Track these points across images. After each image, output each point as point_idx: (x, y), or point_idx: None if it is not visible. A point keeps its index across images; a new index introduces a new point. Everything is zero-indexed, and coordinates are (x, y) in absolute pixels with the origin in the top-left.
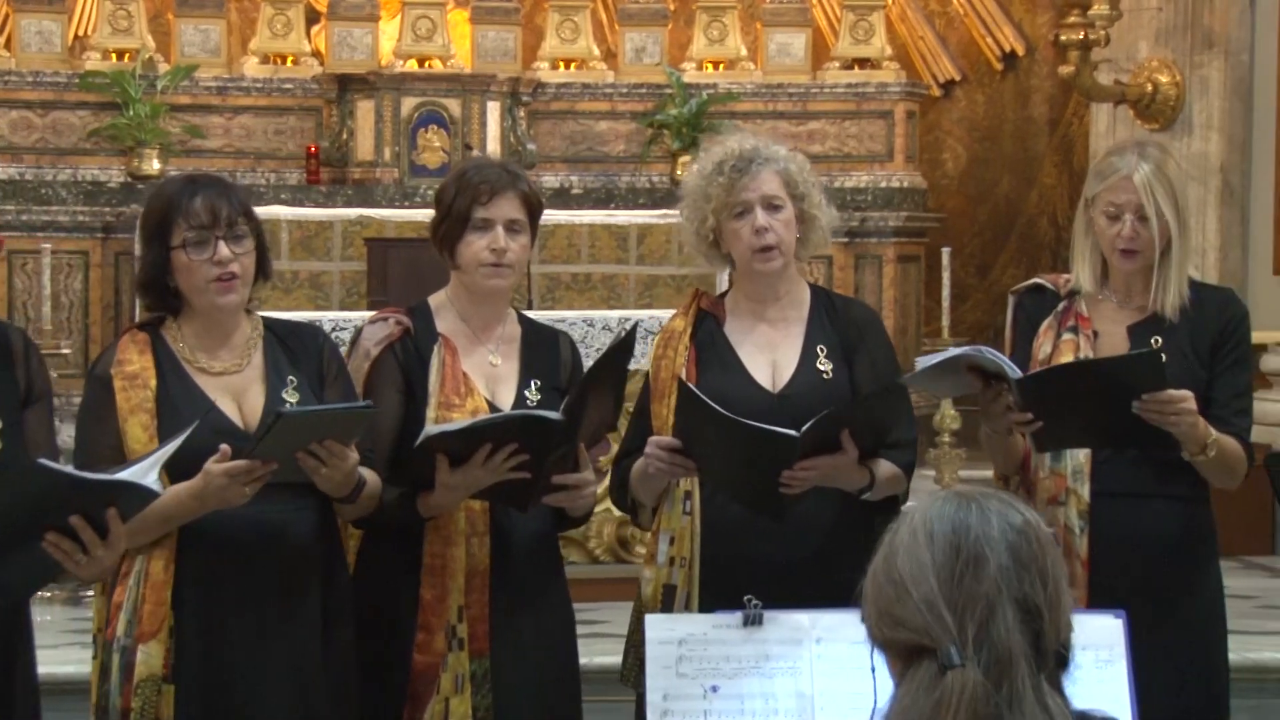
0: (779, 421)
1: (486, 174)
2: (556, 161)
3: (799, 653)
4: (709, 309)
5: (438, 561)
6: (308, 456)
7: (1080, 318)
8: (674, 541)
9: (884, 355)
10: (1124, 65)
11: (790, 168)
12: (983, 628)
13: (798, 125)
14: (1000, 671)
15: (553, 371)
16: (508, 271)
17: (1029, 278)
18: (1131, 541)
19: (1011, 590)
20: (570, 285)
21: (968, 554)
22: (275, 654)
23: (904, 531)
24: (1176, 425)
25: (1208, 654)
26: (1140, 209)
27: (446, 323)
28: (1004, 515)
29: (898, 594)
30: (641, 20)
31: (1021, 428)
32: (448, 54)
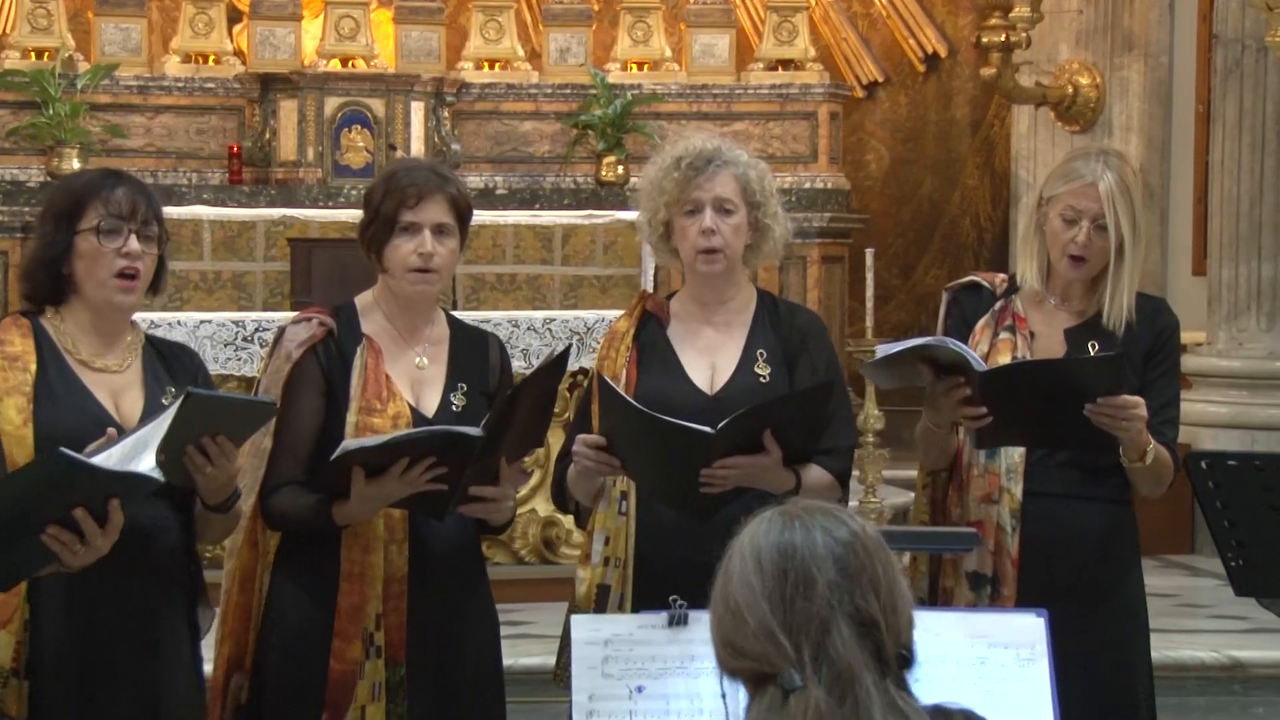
0: (714, 423)
1: (415, 176)
2: (481, 162)
3: None
4: (654, 310)
5: (356, 569)
6: (196, 453)
7: (1017, 317)
8: (609, 541)
9: (826, 363)
10: (1045, 67)
11: (749, 174)
12: (819, 647)
13: (722, 126)
14: (843, 687)
15: (481, 375)
16: (434, 276)
17: (952, 278)
18: (1061, 541)
19: (844, 605)
20: (495, 286)
21: (795, 575)
22: (134, 664)
23: (735, 559)
24: (1126, 431)
25: (1134, 653)
26: (1099, 217)
27: (373, 324)
28: (829, 530)
29: (735, 623)
30: (566, 21)
31: (971, 422)
32: (371, 54)
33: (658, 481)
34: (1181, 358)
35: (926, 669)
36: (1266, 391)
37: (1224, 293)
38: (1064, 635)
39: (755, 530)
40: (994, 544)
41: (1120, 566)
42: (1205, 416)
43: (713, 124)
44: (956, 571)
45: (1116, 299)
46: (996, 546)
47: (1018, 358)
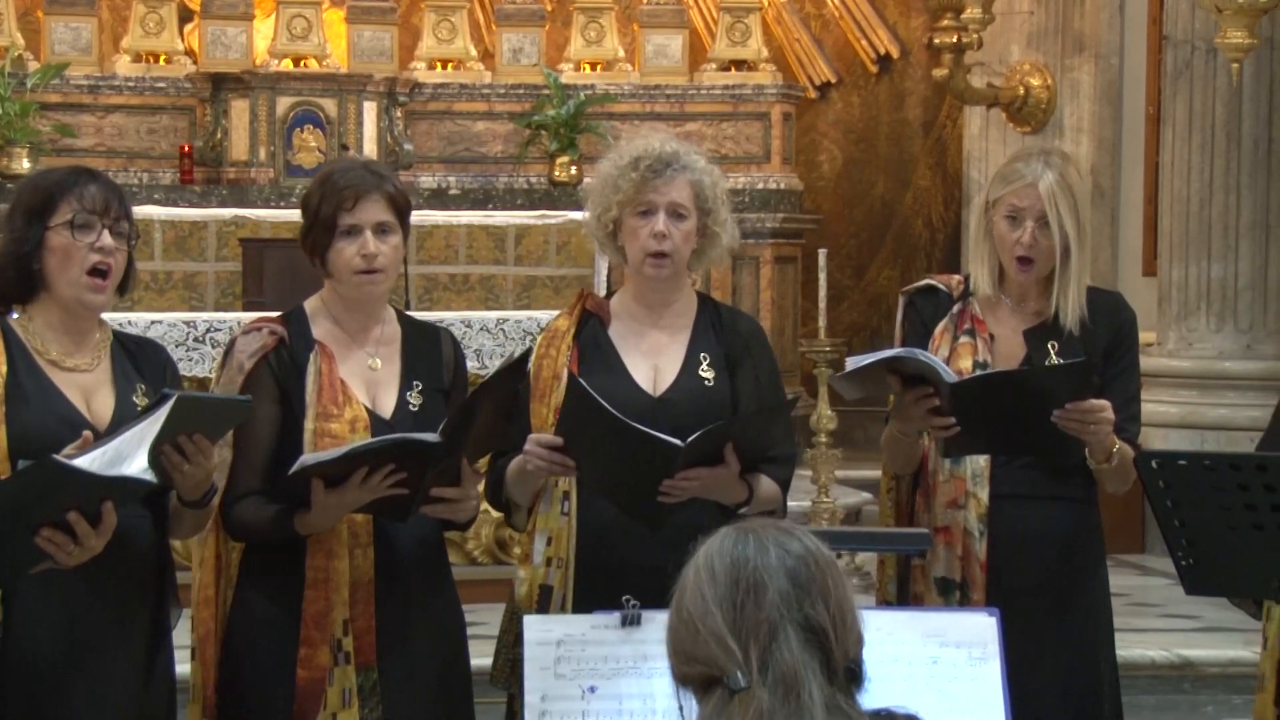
0: (658, 426)
1: (350, 178)
2: (434, 162)
3: None
4: (594, 310)
5: (321, 575)
6: (173, 451)
7: (976, 320)
8: (551, 542)
9: (768, 369)
10: (996, 69)
11: (704, 180)
12: (766, 650)
13: (675, 127)
14: (787, 689)
15: (434, 372)
16: (381, 276)
17: (905, 279)
18: (1028, 543)
19: (793, 613)
20: (448, 286)
21: (747, 583)
22: (101, 665)
23: (690, 571)
24: (1095, 434)
25: (1099, 655)
26: (1042, 216)
27: (323, 328)
28: (781, 544)
29: (689, 631)
30: (519, 21)
31: (939, 432)
32: (323, 53)
33: (615, 486)
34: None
35: (880, 668)
36: (1216, 391)
37: (1174, 293)
38: (1034, 636)
39: (710, 545)
40: (962, 549)
41: (1087, 566)
42: (1156, 416)
43: (666, 124)
44: (926, 577)
45: (1068, 297)
46: (964, 551)
47: (979, 361)
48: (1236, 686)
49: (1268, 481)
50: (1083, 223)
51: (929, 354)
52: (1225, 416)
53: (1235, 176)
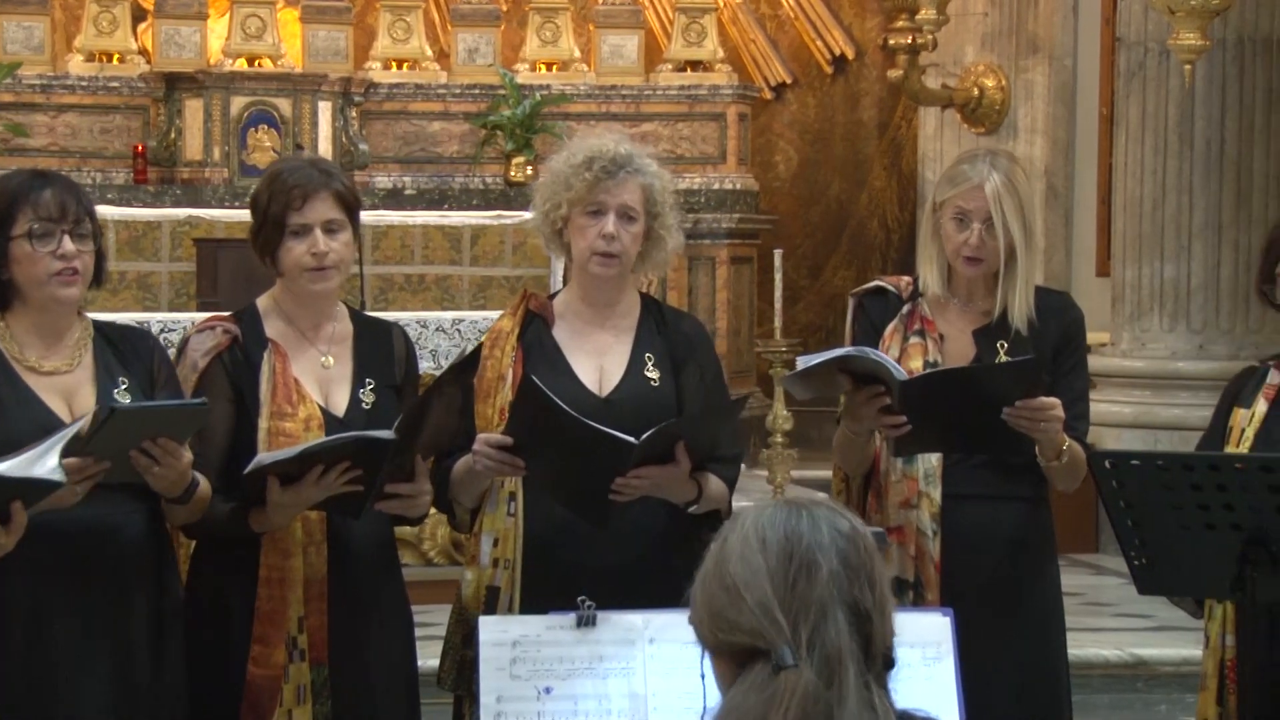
0: (605, 425)
1: (298, 177)
2: (389, 162)
3: (632, 653)
4: (537, 310)
5: (275, 574)
6: (141, 455)
7: (925, 321)
8: (498, 543)
9: (712, 369)
10: (951, 70)
11: (655, 184)
12: (815, 630)
13: (631, 127)
14: (831, 672)
15: (387, 369)
16: (332, 273)
17: (860, 279)
18: (981, 542)
19: (843, 594)
20: (404, 286)
21: (800, 559)
22: (101, 658)
23: (735, 539)
24: (1045, 432)
25: (1052, 652)
26: (988, 218)
27: (275, 327)
28: (833, 523)
29: (731, 599)
30: (474, 21)
31: (890, 430)
32: (278, 53)
33: (564, 486)
34: (1086, 356)
35: None
36: (1169, 391)
37: (1127, 293)
38: (987, 634)
39: (759, 515)
40: (915, 549)
41: (1039, 564)
42: (1109, 416)
43: (621, 125)
44: None
45: (1016, 298)
46: (918, 551)
47: (929, 361)
48: (1190, 685)
49: (1220, 481)
50: (1029, 223)
51: (879, 353)
52: (1178, 416)
53: (1188, 177)
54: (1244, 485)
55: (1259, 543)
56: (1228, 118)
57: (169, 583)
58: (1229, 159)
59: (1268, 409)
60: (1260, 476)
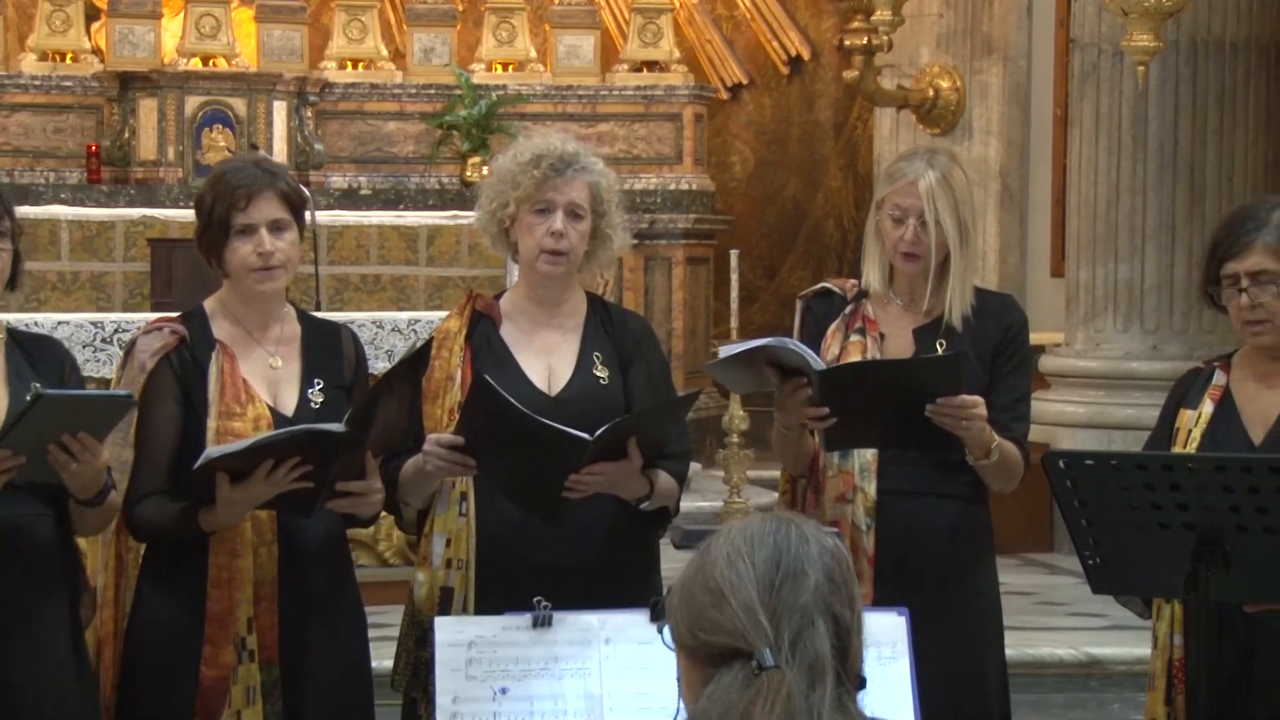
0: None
1: (242, 177)
2: (345, 162)
3: (588, 654)
4: (483, 310)
5: (224, 574)
6: (59, 450)
7: (867, 320)
8: (450, 544)
9: (660, 367)
10: (906, 70)
11: (601, 183)
12: (799, 635)
13: (587, 127)
14: (813, 677)
15: (335, 369)
16: (279, 273)
17: (816, 280)
18: (914, 538)
19: (827, 606)
20: (359, 287)
21: (788, 568)
22: (18, 658)
23: (720, 546)
24: (967, 430)
25: (986, 650)
26: (923, 214)
27: (222, 328)
28: (819, 539)
29: (714, 600)
30: (430, 21)
31: (815, 423)
32: (232, 52)
33: (517, 484)
34: (1041, 358)
35: None
36: (1123, 391)
37: (1081, 294)
38: (919, 630)
39: (746, 526)
40: (850, 543)
41: (973, 561)
42: (1063, 416)
43: (578, 125)
44: None
45: (953, 296)
46: (852, 545)
47: (867, 359)
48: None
49: (1174, 481)
50: (964, 222)
51: (798, 343)
52: (1132, 416)
53: (1141, 178)
54: (1197, 485)
55: (1212, 542)
56: (1181, 119)
57: (79, 586)
58: (1182, 160)
59: (1213, 410)
60: (1214, 476)
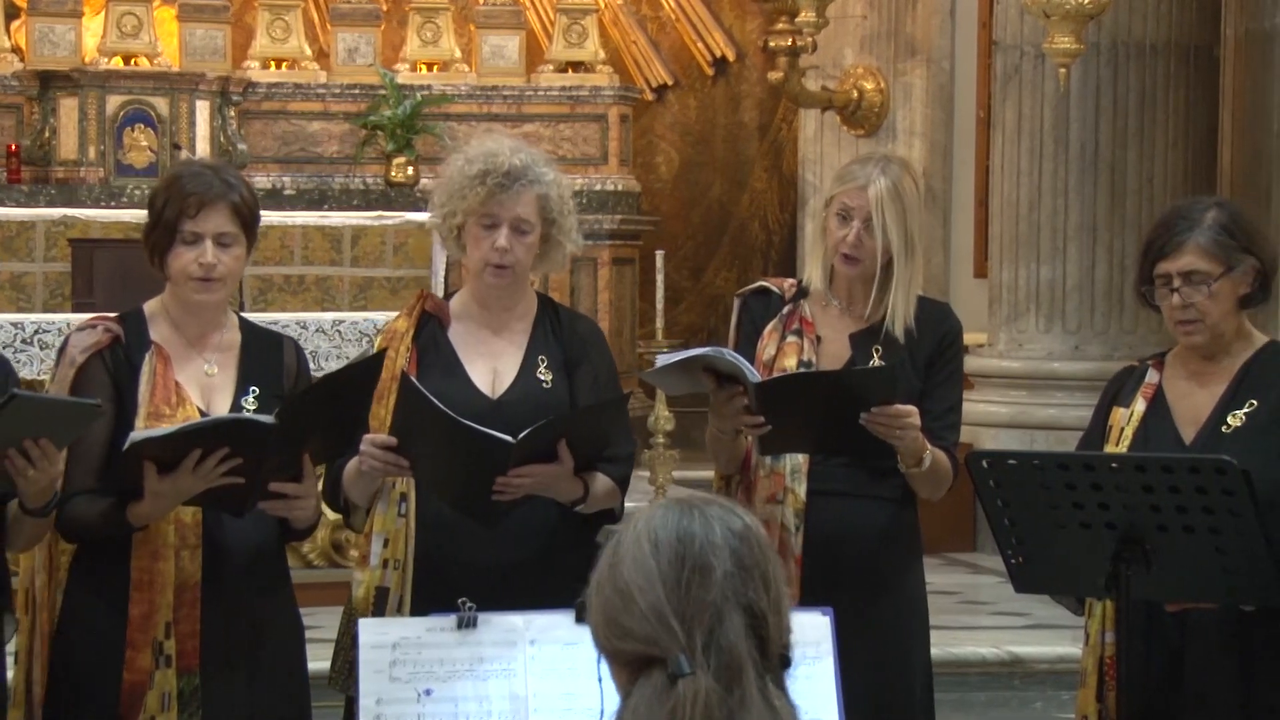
0: (496, 428)
1: (197, 184)
2: (268, 162)
3: (513, 654)
4: (433, 311)
5: (145, 576)
6: (18, 455)
7: (804, 322)
8: (388, 544)
9: (606, 370)
10: (831, 72)
11: (551, 193)
12: (711, 635)
13: (512, 128)
14: (730, 677)
15: (274, 378)
16: (217, 285)
17: (741, 280)
18: (843, 539)
19: (738, 596)
20: (283, 287)
21: (693, 562)
22: None
23: (628, 540)
24: (901, 439)
25: (912, 650)
26: (868, 218)
27: (160, 331)
28: (725, 521)
29: (624, 603)
30: (354, 20)
31: (751, 430)
32: (154, 51)
33: (448, 485)
34: (964, 359)
35: None
36: (1045, 391)
37: (1004, 295)
38: (845, 630)
39: (651, 516)
40: (778, 543)
41: (901, 562)
42: (986, 416)
43: (503, 125)
44: None
45: (894, 305)
46: (781, 545)
47: (803, 361)
48: (1065, 683)
49: (1095, 481)
50: (910, 232)
51: (735, 353)
52: (1054, 416)
53: (1063, 180)
54: (1118, 484)
55: (1133, 541)
56: (1102, 121)
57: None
58: (1103, 162)
59: (1146, 408)
60: (1134, 476)
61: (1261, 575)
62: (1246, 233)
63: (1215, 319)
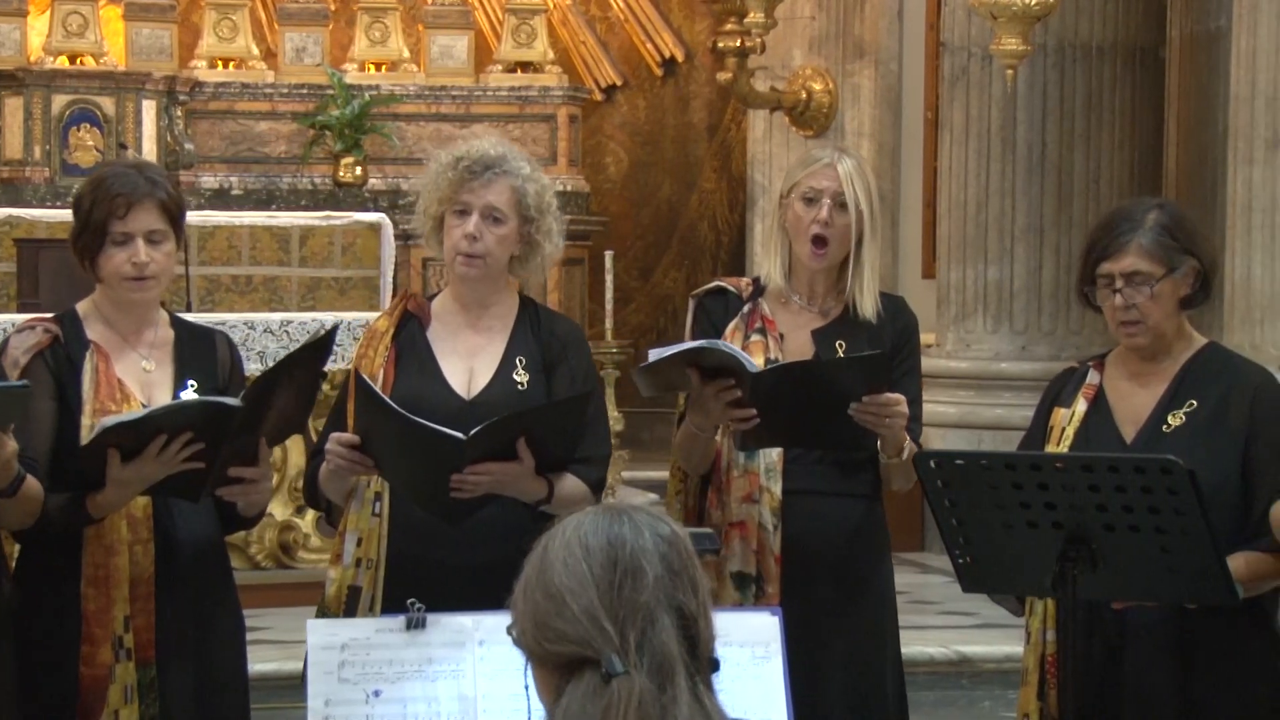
0: (469, 428)
1: (123, 184)
2: (216, 162)
3: (462, 655)
4: (414, 311)
5: (100, 572)
6: None
7: (766, 320)
8: (361, 542)
9: (584, 372)
10: (779, 73)
11: (528, 187)
12: (644, 635)
13: (461, 128)
14: (663, 676)
15: (210, 372)
16: (152, 283)
17: (691, 281)
18: (820, 536)
19: (669, 599)
20: (231, 288)
21: (625, 565)
22: None
23: (557, 546)
24: (890, 428)
25: (887, 646)
26: (839, 195)
27: (95, 331)
28: (654, 527)
29: (556, 607)
30: (302, 20)
31: (739, 424)
32: (100, 51)
33: (409, 482)
34: (920, 361)
35: None
36: (993, 392)
37: (952, 295)
38: (825, 627)
39: (580, 522)
40: (756, 543)
41: (875, 558)
42: (934, 417)
43: (451, 126)
44: (720, 573)
45: (862, 287)
46: (759, 545)
47: (770, 359)
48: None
49: (1042, 480)
50: (875, 212)
51: (731, 345)
52: (1001, 416)
53: (1010, 181)
54: (1065, 484)
55: (1079, 540)
56: (1049, 122)
57: None
58: (1050, 163)
59: (1087, 409)
60: (1080, 476)
61: (1206, 574)
62: (1188, 234)
63: (1157, 320)
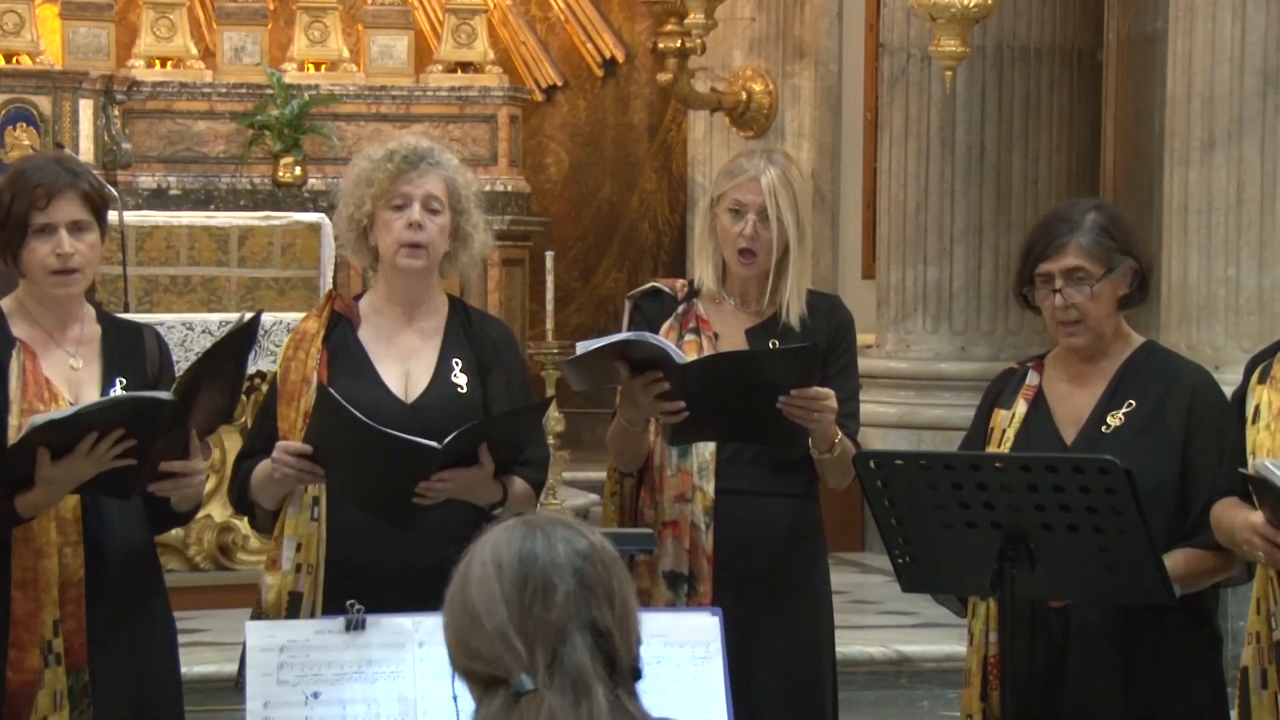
0: (411, 432)
1: (43, 175)
2: (154, 162)
3: (401, 656)
4: (343, 311)
5: (29, 575)
6: None
7: (700, 320)
8: (300, 548)
9: (518, 373)
10: (719, 74)
11: (458, 179)
12: (555, 654)
13: (401, 128)
14: (578, 693)
15: (138, 368)
16: (77, 276)
17: (631, 281)
18: (753, 536)
19: (582, 616)
20: (169, 288)
21: (536, 583)
22: None
23: (475, 562)
24: (818, 423)
25: (823, 641)
26: (763, 210)
27: (21, 328)
28: (570, 541)
29: (473, 625)
30: (240, 19)
31: (669, 417)
32: (37, 50)
33: (366, 492)
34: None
35: None
36: (932, 392)
37: (892, 295)
38: (758, 627)
39: (497, 537)
40: (689, 542)
41: (809, 558)
42: (874, 417)
43: (392, 126)
44: (653, 572)
45: (789, 294)
46: (692, 544)
47: (726, 351)
48: (951, 681)
49: (981, 481)
50: (802, 221)
51: (660, 337)
52: (941, 416)
53: (950, 181)
54: (1003, 484)
55: (1017, 540)
56: (987, 123)
57: None
58: (989, 164)
59: (1027, 410)
60: (1019, 476)
61: (1143, 573)
62: (1125, 234)
63: (1096, 319)
